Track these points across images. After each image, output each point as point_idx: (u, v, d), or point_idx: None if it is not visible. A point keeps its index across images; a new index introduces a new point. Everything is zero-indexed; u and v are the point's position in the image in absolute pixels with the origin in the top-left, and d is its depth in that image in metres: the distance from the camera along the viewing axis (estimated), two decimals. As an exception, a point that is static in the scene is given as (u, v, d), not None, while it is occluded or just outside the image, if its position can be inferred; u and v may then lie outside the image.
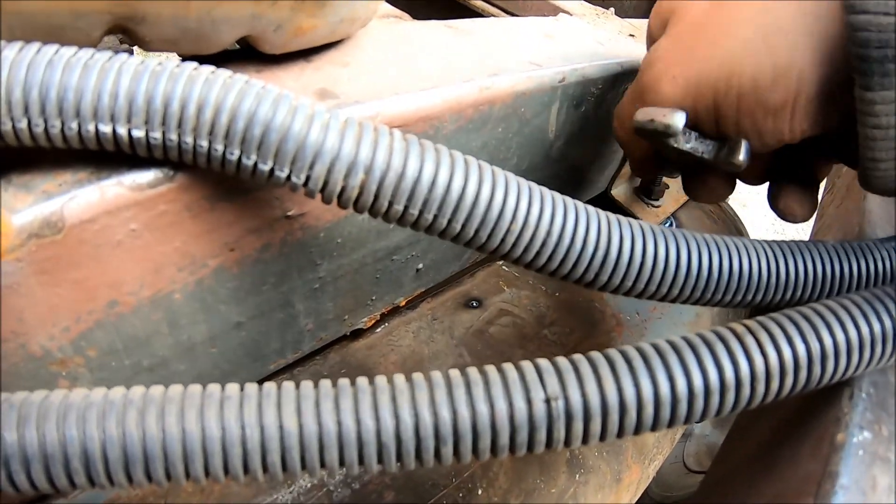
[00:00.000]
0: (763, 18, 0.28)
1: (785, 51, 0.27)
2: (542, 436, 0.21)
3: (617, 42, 0.45)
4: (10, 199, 0.20)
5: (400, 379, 0.21)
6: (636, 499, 0.40)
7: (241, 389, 0.20)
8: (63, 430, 0.18)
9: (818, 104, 0.27)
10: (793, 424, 0.30)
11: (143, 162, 0.21)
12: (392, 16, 0.49)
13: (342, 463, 0.20)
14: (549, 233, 0.24)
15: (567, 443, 0.21)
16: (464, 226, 0.22)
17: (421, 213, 0.22)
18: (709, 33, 0.30)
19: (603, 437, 0.22)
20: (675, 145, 0.30)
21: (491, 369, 0.21)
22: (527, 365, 0.21)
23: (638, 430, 0.22)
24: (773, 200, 0.36)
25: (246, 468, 0.19)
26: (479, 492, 0.32)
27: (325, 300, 0.33)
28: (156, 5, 0.22)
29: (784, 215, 0.35)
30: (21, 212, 0.19)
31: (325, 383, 0.21)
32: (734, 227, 0.73)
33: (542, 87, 0.35)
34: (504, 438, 0.20)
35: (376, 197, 0.21)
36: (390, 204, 0.21)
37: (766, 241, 0.29)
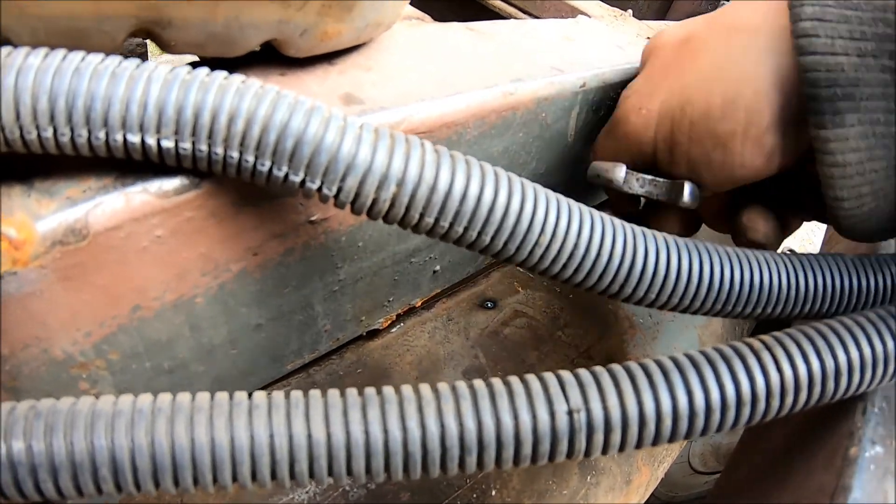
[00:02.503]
0: (719, 51, 0.28)
1: (734, 82, 0.27)
2: (563, 447, 0.21)
3: (635, 45, 0.45)
4: (34, 205, 0.19)
5: (426, 389, 0.21)
6: (644, 500, 0.40)
7: (269, 398, 0.20)
8: (91, 439, 0.18)
9: (770, 138, 0.27)
10: (806, 436, 0.30)
11: (169, 168, 0.21)
12: (413, 17, 0.48)
13: (368, 471, 0.20)
14: (576, 245, 0.24)
15: (587, 453, 0.22)
16: (493, 238, 0.22)
17: (451, 225, 0.22)
18: (674, 68, 0.31)
19: (622, 448, 0.22)
20: (629, 191, 0.33)
21: (515, 380, 0.21)
22: (550, 377, 0.22)
23: (656, 441, 0.22)
24: (734, 216, 0.34)
25: (274, 476, 0.19)
26: (493, 493, 0.33)
27: (343, 302, 0.33)
28: (183, 9, 0.21)
29: (745, 231, 0.33)
30: (45, 218, 0.19)
31: (352, 392, 0.21)
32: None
33: (564, 93, 0.35)
34: (527, 449, 0.21)
35: (407, 209, 0.21)
36: (421, 216, 0.21)
37: (785, 254, 0.29)
